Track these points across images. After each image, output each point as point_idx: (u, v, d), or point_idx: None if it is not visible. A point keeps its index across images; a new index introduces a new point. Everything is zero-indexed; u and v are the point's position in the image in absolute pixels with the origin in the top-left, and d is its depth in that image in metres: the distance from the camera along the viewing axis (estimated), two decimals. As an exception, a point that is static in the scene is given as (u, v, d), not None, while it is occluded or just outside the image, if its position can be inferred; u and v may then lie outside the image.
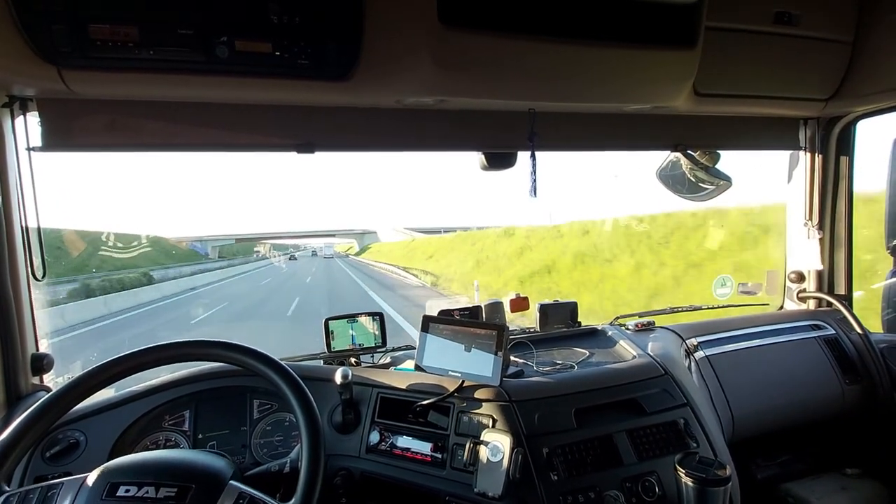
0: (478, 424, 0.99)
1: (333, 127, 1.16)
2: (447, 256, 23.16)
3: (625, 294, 9.36)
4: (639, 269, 9.94)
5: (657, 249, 9.98)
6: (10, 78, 0.87)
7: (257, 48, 0.86)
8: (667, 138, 1.44)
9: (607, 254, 11.48)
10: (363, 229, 73.13)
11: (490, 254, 18.40)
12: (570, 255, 12.62)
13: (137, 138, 1.05)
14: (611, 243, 11.64)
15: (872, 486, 1.39)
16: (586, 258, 11.97)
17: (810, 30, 1.19)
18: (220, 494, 0.72)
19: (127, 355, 0.82)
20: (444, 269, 19.97)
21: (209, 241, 49.17)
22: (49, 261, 1.09)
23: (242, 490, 0.74)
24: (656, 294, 8.57)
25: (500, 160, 1.32)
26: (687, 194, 1.55)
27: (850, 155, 1.61)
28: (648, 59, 1.00)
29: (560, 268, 12.51)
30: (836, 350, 1.50)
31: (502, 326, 1.02)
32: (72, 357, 1.16)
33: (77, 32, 0.78)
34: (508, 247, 17.31)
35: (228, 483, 0.75)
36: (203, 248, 45.64)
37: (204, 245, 46.79)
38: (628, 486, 0.95)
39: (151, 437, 1.09)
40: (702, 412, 1.11)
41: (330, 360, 1.32)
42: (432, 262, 23.82)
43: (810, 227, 1.64)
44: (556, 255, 13.35)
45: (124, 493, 0.69)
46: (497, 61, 0.92)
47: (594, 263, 11.62)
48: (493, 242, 19.14)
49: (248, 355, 0.85)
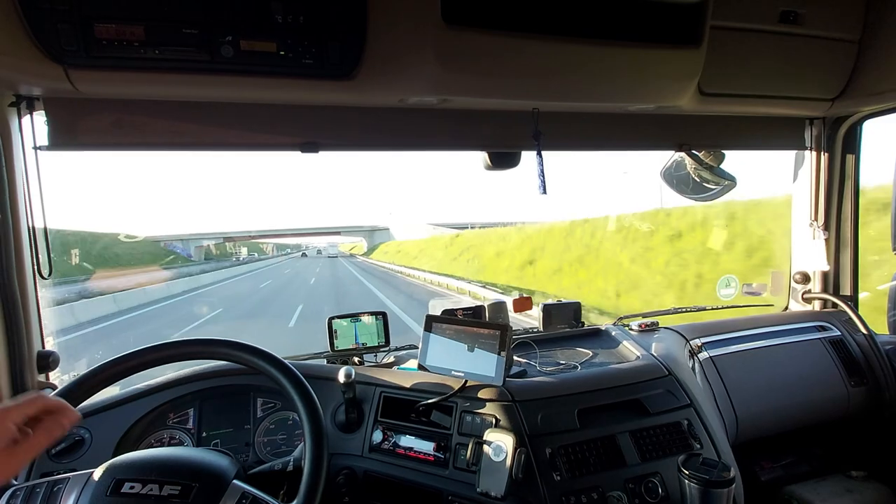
0: (481, 424, 0.99)
1: (337, 126, 1.17)
2: (507, 260, 17.20)
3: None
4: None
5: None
6: (16, 77, 0.88)
7: (262, 48, 0.86)
8: (671, 138, 1.44)
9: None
10: (372, 226, 67.82)
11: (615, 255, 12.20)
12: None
13: (143, 137, 1.06)
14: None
15: (878, 488, 1.38)
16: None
17: (816, 29, 1.18)
18: (224, 494, 0.73)
19: (131, 353, 0.83)
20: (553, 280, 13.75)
21: (193, 239, 43.76)
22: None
23: (245, 490, 0.74)
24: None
25: (504, 159, 1.32)
26: (691, 194, 1.54)
27: (856, 155, 1.59)
28: (653, 58, 0.99)
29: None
30: (841, 351, 1.49)
31: (505, 326, 1.01)
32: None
33: (83, 32, 0.79)
34: (635, 241, 11.72)
35: (232, 482, 0.75)
36: (185, 249, 40.82)
37: (186, 246, 41.66)
38: (631, 486, 0.95)
39: (156, 434, 1.09)
40: (705, 413, 1.11)
41: (333, 359, 1.33)
42: (502, 267, 16.98)
43: (816, 228, 1.63)
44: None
45: (129, 489, 0.69)
46: (501, 60, 0.92)
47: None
48: (592, 235, 12.92)
49: (253, 354, 0.86)
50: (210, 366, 1.15)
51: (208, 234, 47.18)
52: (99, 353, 8.01)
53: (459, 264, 21.02)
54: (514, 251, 18.40)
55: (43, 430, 0.55)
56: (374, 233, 65.05)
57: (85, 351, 8.29)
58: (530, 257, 16.09)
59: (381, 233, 64.19)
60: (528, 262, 15.96)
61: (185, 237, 43.59)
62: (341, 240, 76.37)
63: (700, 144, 1.46)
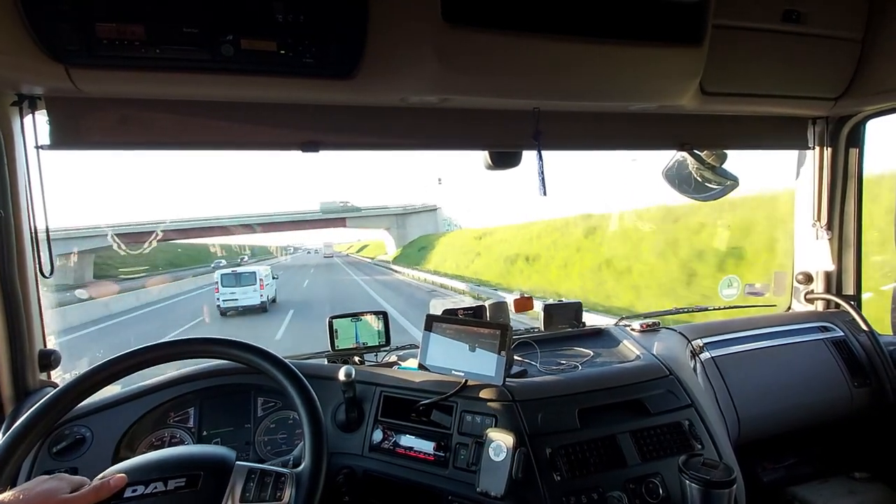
0: (481, 424, 0.99)
1: (338, 125, 1.17)
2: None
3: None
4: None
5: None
6: (18, 77, 0.88)
7: (262, 47, 0.86)
8: (673, 138, 1.43)
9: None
10: (404, 207, 38.21)
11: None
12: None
13: (144, 136, 1.06)
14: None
15: (881, 490, 1.37)
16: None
17: (819, 28, 1.18)
18: (230, 475, 0.73)
19: (132, 352, 0.83)
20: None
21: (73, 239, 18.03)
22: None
23: (252, 467, 0.76)
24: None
25: (505, 159, 1.32)
26: (693, 194, 1.54)
27: (859, 155, 1.59)
28: (655, 56, 0.99)
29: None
30: (844, 352, 1.48)
31: (506, 326, 1.01)
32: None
33: (84, 31, 0.79)
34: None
35: (236, 464, 0.76)
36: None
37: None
38: (632, 487, 0.95)
39: (156, 433, 1.09)
40: (707, 414, 1.11)
41: (334, 358, 1.33)
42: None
43: (819, 228, 1.62)
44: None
45: (132, 493, 0.69)
46: (501, 59, 0.92)
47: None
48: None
49: (253, 353, 0.86)
50: (210, 365, 1.15)
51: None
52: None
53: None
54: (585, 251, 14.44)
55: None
56: (407, 217, 37.50)
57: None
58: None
59: (423, 217, 37.86)
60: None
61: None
62: (349, 235, 52.44)
63: (702, 144, 1.46)
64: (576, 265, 14.81)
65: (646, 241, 12.01)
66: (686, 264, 10.10)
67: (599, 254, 14.11)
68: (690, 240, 10.47)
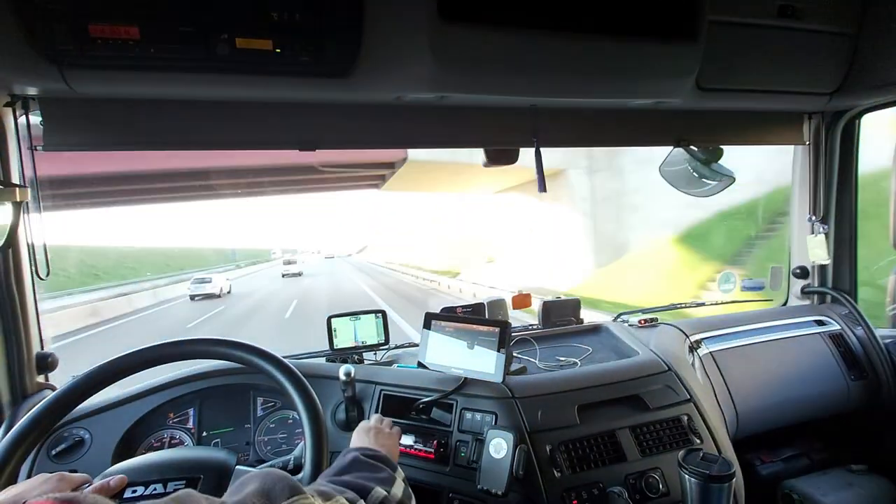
0: (481, 421, 0.99)
1: (335, 124, 1.16)
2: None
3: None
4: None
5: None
6: (11, 77, 0.87)
7: (258, 46, 0.86)
8: (669, 133, 1.43)
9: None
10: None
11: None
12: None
13: (139, 137, 1.05)
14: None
15: (878, 482, 1.38)
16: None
17: (814, 23, 1.18)
18: (230, 478, 0.74)
19: (130, 353, 0.83)
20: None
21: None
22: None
23: (251, 471, 0.75)
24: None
25: (503, 156, 1.32)
26: (688, 189, 1.54)
27: (854, 149, 1.59)
28: (651, 53, 0.99)
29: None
30: (840, 346, 1.49)
31: (505, 323, 1.01)
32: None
33: (78, 32, 0.78)
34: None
35: (235, 468, 0.76)
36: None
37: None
38: (632, 482, 0.95)
39: (156, 434, 1.09)
40: (705, 408, 1.11)
41: (333, 357, 1.33)
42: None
43: (814, 222, 1.62)
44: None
45: (131, 493, 0.69)
46: (497, 56, 0.92)
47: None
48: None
49: (252, 353, 0.85)
50: (210, 365, 1.15)
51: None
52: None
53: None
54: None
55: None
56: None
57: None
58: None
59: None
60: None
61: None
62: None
63: (698, 140, 1.46)
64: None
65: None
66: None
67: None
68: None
